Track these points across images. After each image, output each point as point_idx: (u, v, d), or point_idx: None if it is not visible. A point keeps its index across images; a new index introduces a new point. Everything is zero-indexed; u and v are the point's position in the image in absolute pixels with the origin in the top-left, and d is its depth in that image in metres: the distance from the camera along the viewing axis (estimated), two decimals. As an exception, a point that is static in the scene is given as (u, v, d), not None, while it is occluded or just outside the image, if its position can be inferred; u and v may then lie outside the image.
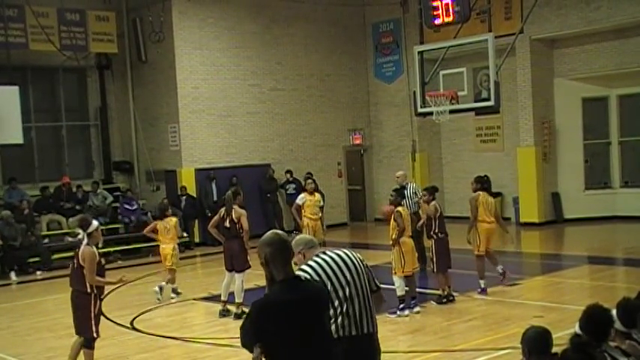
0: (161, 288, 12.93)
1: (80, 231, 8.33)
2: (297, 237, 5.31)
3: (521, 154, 20.56)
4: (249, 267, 11.44)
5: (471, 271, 12.28)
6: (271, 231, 4.31)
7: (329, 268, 4.99)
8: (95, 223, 8.41)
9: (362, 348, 5.03)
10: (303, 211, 14.85)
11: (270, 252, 4.11)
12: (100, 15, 19.99)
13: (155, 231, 13.30)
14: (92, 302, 8.23)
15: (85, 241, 8.23)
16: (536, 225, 20.23)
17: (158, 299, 12.74)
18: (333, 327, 4.94)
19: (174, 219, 13.42)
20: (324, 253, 5.10)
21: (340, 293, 4.97)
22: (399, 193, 11.37)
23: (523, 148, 20.50)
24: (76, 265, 8.26)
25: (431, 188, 12.30)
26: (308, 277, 4.92)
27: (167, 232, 13.11)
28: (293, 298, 4.02)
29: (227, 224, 11.67)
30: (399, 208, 10.97)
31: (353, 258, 5.12)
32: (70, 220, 18.09)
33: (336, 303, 4.95)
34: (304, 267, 5.01)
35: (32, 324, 11.86)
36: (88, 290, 8.19)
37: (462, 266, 12.95)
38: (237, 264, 11.52)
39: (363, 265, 5.15)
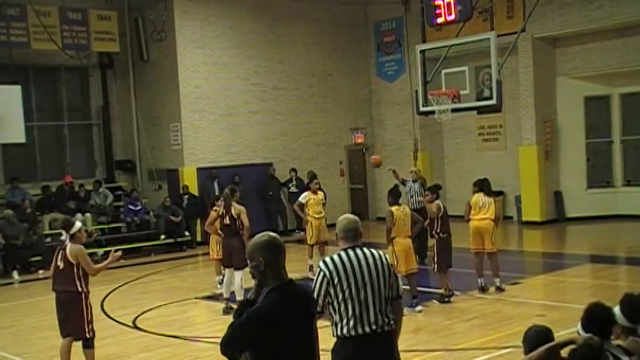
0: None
1: (63, 232, 8.32)
2: (343, 217, 5.27)
3: (524, 153, 20.54)
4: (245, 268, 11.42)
5: (472, 270, 12.27)
6: (265, 234, 4.13)
7: (350, 266, 4.95)
8: (78, 224, 8.40)
9: (375, 346, 5.00)
10: (306, 209, 14.85)
11: (268, 257, 3.98)
12: (102, 14, 19.99)
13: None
14: (84, 301, 8.20)
15: (69, 242, 8.21)
16: (538, 224, 20.21)
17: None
18: (345, 329, 4.94)
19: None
20: (353, 249, 5.03)
21: (354, 294, 4.93)
22: (393, 193, 11.36)
23: (525, 146, 20.48)
24: (62, 266, 8.20)
25: (434, 187, 12.28)
26: (326, 271, 4.92)
27: None
28: (291, 308, 3.97)
29: (227, 221, 11.68)
30: (393, 208, 11.00)
31: (378, 259, 5.05)
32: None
33: (349, 304, 4.92)
34: (327, 259, 5.02)
35: (34, 323, 11.88)
36: (79, 289, 8.16)
37: (463, 265, 12.94)
38: (236, 261, 11.53)
39: (388, 269, 5.08)
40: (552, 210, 20.67)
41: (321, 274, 4.96)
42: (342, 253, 5.02)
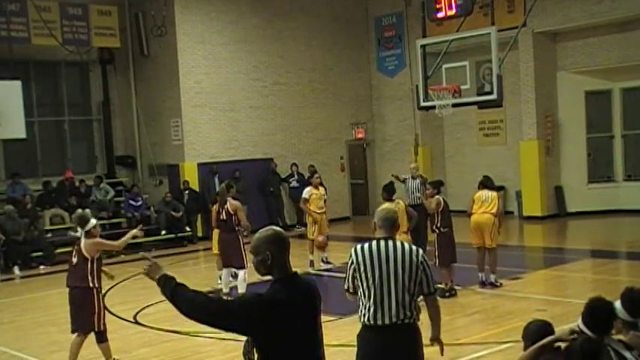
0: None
1: (78, 228, 8.46)
2: (381, 207, 5.55)
3: (524, 148, 20.53)
4: (246, 267, 11.35)
5: (473, 265, 12.27)
6: (270, 227, 4.12)
7: (377, 257, 5.18)
8: (93, 221, 8.50)
9: (393, 338, 5.16)
10: (308, 205, 14.90)
11: (275, 250, 3.97)
12: (103, 9, 19.96)
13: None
14: (95, 297, 8.31)
15: (83, 238, 8.33)
16: (539, 219, 20.22)
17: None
18: (366, 317, 5.18)
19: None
20: (386, 240, 5.25)
21: (377, 284, 5.14)
22: (387, 189, 11.42)
23: (526, 141, 20.47)
24: (76, 262, 8.33)
25: (435, 182, 12.27)
26: (354, 258, 5.24)
27: None
28: (295, 299, 3.95)
29: (223, 216, 11.66)
30: (384, 205, 11.01)
31: (407, 254, 5.19)
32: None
33: (372, 293, 5.15)
34: (358, 247, 5.29)
35: (35, 318, 11.90)
36: (90, 285, 8.27)
37: (464, 260, 12.93)
38: (235, 260, 11.52)
39: (417, 264, 5.19)
40: (553, 205, 20.67)
41: (350, 260, 5.29)
42: (374, 243, 5.25)
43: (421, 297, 5.40)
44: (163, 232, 19.61)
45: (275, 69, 21.94)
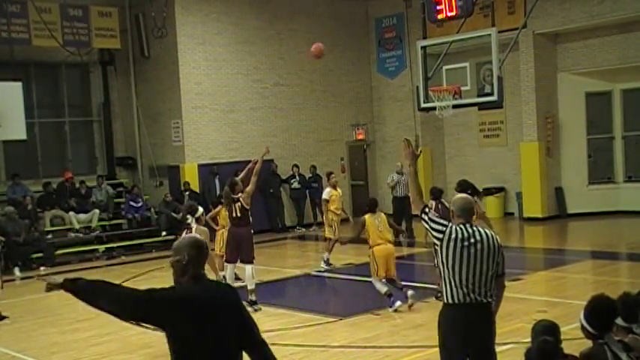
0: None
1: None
2: (458, 196, 5.88)
3: (525, 149, 20.53)
4: (253, 262, 11.61)
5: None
6: (192, 235, 4.53)
7: (465, 238, 5.49)
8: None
9: (479, 314, 5.55)
10: (328, 205, 14.99)
11: (193, 254, 4.26)
12: (103, 10, 19.98)
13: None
14: None
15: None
16: (540, 220, 20.21)
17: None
18: (451, 296, 5.48)
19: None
20: (471, 225, 5.59)
21: (465, 264, 5.43)
22: (369, 203, 11.64)
23: (526, 143, 20.47)
24: None
25: (435, 192, 12.06)
26: (447, 231, 5.49)
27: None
28: (209, 295, 4.13)
29: (237, 214, 11.75)
30: (366, 216, 11.14)
31: (490, 238, 5.57)
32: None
33: (460, 273, 5.45)
34: (452, 226, 5.59)
35: (36, 319, 11.89)
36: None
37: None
38: (245, 254, 11.58)
39: (498, 247, 5.58)
40: (553, 206, 20.66)
41: (445, 228, 5.52)
42: (461, 227, 5.56)
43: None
44: (163, 233, 19.59)
45: (275, 70, 21.95)
